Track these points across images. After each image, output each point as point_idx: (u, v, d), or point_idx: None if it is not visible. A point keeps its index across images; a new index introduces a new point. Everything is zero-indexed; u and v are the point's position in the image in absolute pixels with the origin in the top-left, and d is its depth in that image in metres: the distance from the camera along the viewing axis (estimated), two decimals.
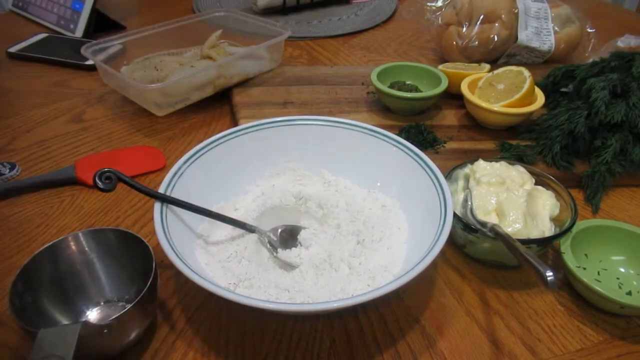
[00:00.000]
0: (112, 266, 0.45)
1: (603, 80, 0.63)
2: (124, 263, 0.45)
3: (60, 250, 0.43)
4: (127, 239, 0.44)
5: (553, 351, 0.43)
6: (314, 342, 0.43)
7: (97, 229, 0.45)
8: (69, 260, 0.44)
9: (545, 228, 0.48)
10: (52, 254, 0.43)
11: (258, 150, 0.56)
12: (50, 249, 0.42)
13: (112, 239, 0.45)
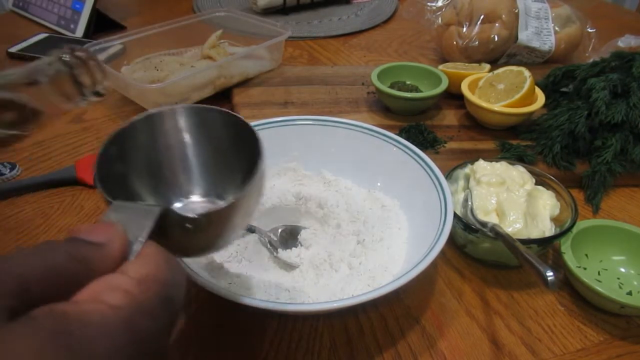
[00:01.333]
0: (214, 155, 0.39)
1: (603, 80, 0.63)
2: (229, 154, 0.39)
3: (160, 123, 0.37)
4: (235, 127, 0.37)
5: (553, 351, 0.43)
6: (314, 342, 0.43)
7: (205, 107, 0.37)
8: (168, 137, 0.37)
9: (545, 228, 0.48)
10: (152, 125, 0.37)
11: None
12: (151, 119, 0.36)
13: (219, 122, 0.38)
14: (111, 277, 0.20)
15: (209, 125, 0.38)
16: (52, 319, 0.17)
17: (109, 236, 0.22)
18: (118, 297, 0.19)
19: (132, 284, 0.20)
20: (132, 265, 0.22)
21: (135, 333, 0.19)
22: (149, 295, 0.20)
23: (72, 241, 0.21)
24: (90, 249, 0.21)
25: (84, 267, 0.20)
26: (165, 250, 0.23)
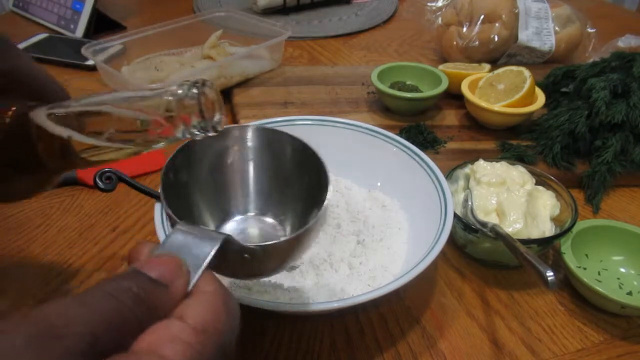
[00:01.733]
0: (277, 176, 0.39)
1: (604, 81, 0.63)
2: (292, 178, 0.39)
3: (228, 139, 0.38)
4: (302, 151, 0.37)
5: (553, 351, 0.43)
6: (315, 343, 0.43)
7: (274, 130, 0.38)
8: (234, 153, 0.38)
9: (545, 228, 0.48)
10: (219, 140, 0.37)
11: None
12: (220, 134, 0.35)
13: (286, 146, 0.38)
14: (169, 324, 0.20)
15: (275, 147, 0.38)
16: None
17: (173, 275, 0.22)
18: (178, 351, 0.19)
19: (191, 334, 0.20)
20: (190, 309, 0.21)
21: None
22: (208, 348, 0.20)
23: (137, 277, 0.21)
24: (156, 291, 0.21)
25: (148, 312, 0.20)
26: (225, 292, 0.23)
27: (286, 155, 0.38)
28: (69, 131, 0.29)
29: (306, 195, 0.37)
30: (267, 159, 0.39)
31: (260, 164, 0.39)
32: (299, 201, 0.38)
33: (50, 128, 0.29)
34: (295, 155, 0.38)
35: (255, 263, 0.30)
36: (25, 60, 0.32)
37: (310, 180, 0.37)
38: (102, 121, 0.30)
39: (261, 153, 0.39)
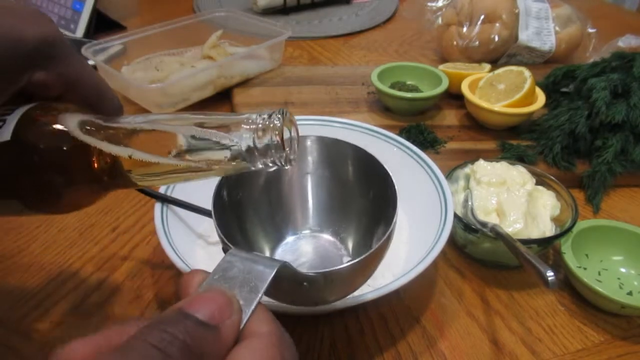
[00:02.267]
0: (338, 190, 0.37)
1: (604, 81, 0.63)
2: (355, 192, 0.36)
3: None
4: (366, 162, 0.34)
5: (554, 351, 0.43)
6: (315, 343, 0.43)
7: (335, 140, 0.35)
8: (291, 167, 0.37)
9: (546, 228, 0.48)
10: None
11: None
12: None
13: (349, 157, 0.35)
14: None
15: (336, 159, 0.36)
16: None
17: (223, 314, 0.20)
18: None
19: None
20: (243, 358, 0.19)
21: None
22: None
23: (184, 321, 0.19)
24: (205, 336, 0.19)
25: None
26: (279, 333, 0.21)
27: (348, 167, 0.36)
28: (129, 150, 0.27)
29: (370, 211, 0.34)
30: (327, 172, 0.37)
31: (320, 177, 0.37)
32: (362, 217, 0.36)
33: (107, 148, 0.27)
34: (359, 167, 0.36)
35: (314, 291, 0.28)
36: (85, 65, 0.31)
37: (375, 194, 0.34)
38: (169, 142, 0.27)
39: (320, 165, 0.37)
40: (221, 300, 0.21)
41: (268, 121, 0.26)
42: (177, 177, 0.28)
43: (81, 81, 0.30)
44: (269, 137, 0.26)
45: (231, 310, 0.20)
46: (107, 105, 0.31)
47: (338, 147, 0.36)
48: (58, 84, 0.29)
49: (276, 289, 0.26)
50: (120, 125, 0.28)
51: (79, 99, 0.30)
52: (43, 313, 0.45)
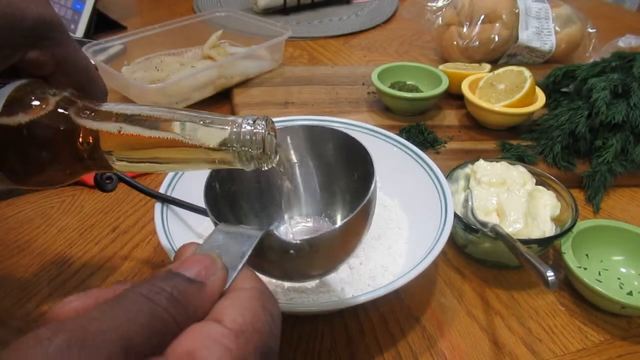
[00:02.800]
0: (325, 174, 0.39)
1: (604, 81, 0.63)
2: (341, 174, 0.38)
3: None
4: (347, 145, 0.36)
5: (554, 351, 0.43)
6: (315, 343, 0.43)
7: (319, 127, 0.37)
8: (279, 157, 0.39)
9: (546, 228, 0.48)
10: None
11: None
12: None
13: (330, 141, 0.38)
14: (207, 326, 0.19)
15: (320, 145, 0.38)
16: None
17: (209, 272, 0.22)
18: (216, 354, 0.18)
19: (229, 337, 0.19)
20: (227, 310, 0.21)
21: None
22: (248, 351, 0.19)
23: (173, 278, 0.20)
24: (191, 290, 0.20)
25: (184, 312, 0.20)
26: (264, 290, 0.22)
27: (332, 151, 0.38)
28: (118, 125, 0.28)
29: (355, 190, 0.36)
30: (313, 159, 0.39)
31: (307, 165, 0.39)
32: (348, 196, 0.38)
33: (96, 125, 0.29)
34: (341, 150, 0.37)
35: (303, 260, 0.29)
36: (77, 49, 0.32)
37: (359, 174, 0.36)
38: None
39: (306, 153, 0.38)
40: (207, 261, 0.22)
41: (252, 125, 0.28)
42: (157, 165, 0.30)
43: (73, 63, 0.31)
44: (252, 138, 0.28)
45: (215, 268, 0.22)
46: (95, 89, 0.33)
47: (321, 133, 0.38)
48: (50, 63, 0.30)
49: (264, 259, 0.27)
50: (107, 108, 0.30)
51: (69, 80, 0.32)
52: (43, 313, 0.45)
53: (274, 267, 0.31)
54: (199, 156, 0.29)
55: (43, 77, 0.31)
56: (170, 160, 0.29)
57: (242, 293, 0.22)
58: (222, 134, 0.28)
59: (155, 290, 0.19)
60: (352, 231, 0.31)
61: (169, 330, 0.19)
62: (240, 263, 0.23)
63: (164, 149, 0.29)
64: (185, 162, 0.29)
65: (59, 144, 0.29)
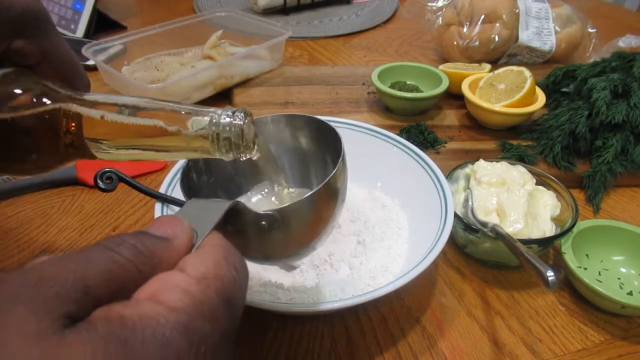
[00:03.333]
0: (300, 160, 0.41)
1: (604, 81, 0.63)
2: (314, 157, 0.40)
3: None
4: (318, 130, 0.38)
5: (554, 351, 0.43)
6: (315, 343, 0.43)
7: (289, 115, 0.40)
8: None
9: (546, 228, 0.48)
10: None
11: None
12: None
13: (303, 128, 0.40)
14: (170, 274, 0.20)
15: (294, 132, 0.39)
16: (107, 325, 0.17)
17: (175, 231, 0.22)
18: (177, 296, 0.19)
19: (191, 282, 0.19)
20: (191, 260, 0.21)
21: (195, 338, 0.18)
22: (209, 295, 0.19)
23: (139, 234, 0.21)
24: (156, 243, 0.21)
25: (148, 262, 0.20)
26: (228, 246, 0.23)
27: (306, 138, 0.39)
28: (101, 112, 0.29)
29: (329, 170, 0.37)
30: (289, 147, 0.40)
31: (283, 153, 0.40)
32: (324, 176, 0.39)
33: (79, 110, 0.29)
34: (315, 136, 0.39)
35: (276, 233, 0.30)
36: (62, 41, 0.32)
37: (332, 156, 0.38)
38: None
39: (284, 142, 0.40)
40: (174, 222, 0.23)
41: (231, 117, 0.29)
42: (139, 153, 0.30)
43: (58, 54, 0.32)
44: (231, 129, 0.29)
45: (182, 229, 0.22)
46: (78, 80, 0.34)
47: (294, 121, 0.39)
48: (36, 53, 0.31)
49: (240, 235, 0.28)
50: (91, 98, 0.30)
51: (54, 71, 0.32)
52: None
53: (251, 244, 0.31)
54: (179, 144, 0.29)
55: (28, 67, 0.31)
56: (152, 148, 0.30)
57: (207, 248, 0.22)
58: (202, 124, 0.29)
59: (118, 242, 0.20)
60: (322, 202, 0.31)
61: (131, 279, 0.19)
62: (209, 228, 0.24)
63: (145, 137, 0.29)
64: (166, 150, 0.30)
65: (42, 132, 0.30)
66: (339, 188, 0.34)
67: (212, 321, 0.19)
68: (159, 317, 0.17)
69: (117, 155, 0.31)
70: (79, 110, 0.29)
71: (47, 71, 0.32)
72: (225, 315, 0.20)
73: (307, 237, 0.34)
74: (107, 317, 0.17)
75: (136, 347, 0.16)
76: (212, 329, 0.19)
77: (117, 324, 0.17)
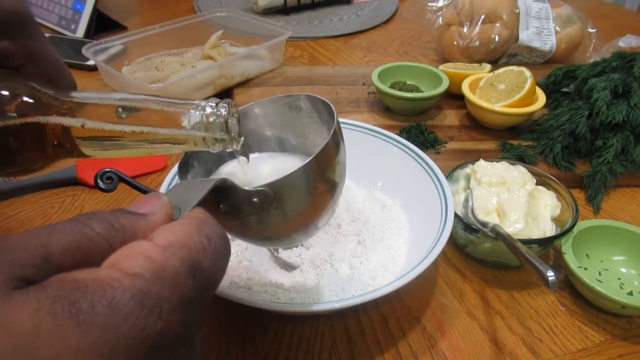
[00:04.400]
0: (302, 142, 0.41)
1: (604, 81, 0.63)
2: (311, 135, 0.40)
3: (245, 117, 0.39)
4: (314, 106, 0.39)
5: (554, 351, 0.43)
6: (315, 343, 0.43)
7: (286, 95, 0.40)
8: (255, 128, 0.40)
9: (546, 228, 0.48)
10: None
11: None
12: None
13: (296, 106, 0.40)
14: (137, 243, 0.19)
15: (289, 112, 0.39)
16: (58, 287, 0.16)
17: (153, 207, 0.22)
18: (137, 262, 0.18)
19: (155, 250, 0.19)
20: (161, 230, 0.20)
21: (148, 302, 0.17)
22: (172, 262, 0.19)
23: (116, 211, 0.20)
24: (131, 218, 0.20)
25: (120, 235, 0.20)
26: (206, 218, 0.22)
27: (301, 116, 0.39)
28: (82, 120, 0.30)
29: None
30: (286, 130, 0.40)
31: (279, 137, 0.41)
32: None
33: (64, 121, 0.30)
34: (310, 112, 0.39)
35: (272, 210, 0.29)
36: (46, 42, 0.33)
37: (327, 127, 0.37)
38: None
39: (278, 125, 0.40)
40: (153, 198, 0.22)
41: (215, 108, 0.29)
42: (126, 151, 0.31)
43: (43, 55, 0.32)
44: (215, 120, 0.29)
45: (162, 206, 0.22)
46: (63, 80, 0.34)
47: (285, 101, 0.39)
48: (21, 54, 0.31)
49: (234, 215, 0.27)
50: (77, 99, 0.31)
51: (39, 71, 0.32)
52: None
53: (247, 224, 0.30)
54: (167, 139, 0.30)
55: (13, 68, 0.32)
56: (138, 146, 0.31)
57: (181, 220, 0.21)
58: (186, 116, 0.29)
59: (90, 216, 0.19)
60: (316, 174, 0.30)
61: (99, 251, 0.19)
62: (191, 205, 0.23)
63: (131, 136, 0.30)
64: (155, 144, 0.30)
65: (29, 133, 0.30)
66: (334, 160, 0.33)
67: (171, 287, 0.18)
68: (112, 281, 0.17)
69: (106, 153, 0.31)
70: (61, 121, 0.30)
71: (33, 72, 0.32)
72: (190, 283, 0.19)
73: (306, 215, 0.33)
74: (60, 280, 0.17)
75: (83, 307, 0.16)
76: (170, 294, 0.18)
77: (68, 287, 0.17)
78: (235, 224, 0.25)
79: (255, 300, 0.37)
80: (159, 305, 0.17)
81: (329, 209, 0.35)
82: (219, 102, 0.30)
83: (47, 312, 0.16)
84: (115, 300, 0.17)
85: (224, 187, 0.27)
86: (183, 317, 0.18)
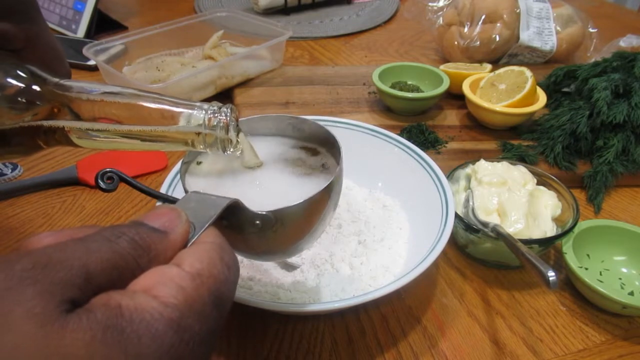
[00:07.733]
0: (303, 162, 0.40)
1: (605, 81, 0.63)
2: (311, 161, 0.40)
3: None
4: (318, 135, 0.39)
5: (555, 351, 0.43)
6: (316, 343, 0.43)
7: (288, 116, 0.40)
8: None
9: (547, 228, 0.48)
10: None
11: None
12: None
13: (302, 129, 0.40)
14: (167, 268, 0.21)
15: (295, 134, 0.39)
16: (106, 313, 0.18)
17: (173, 224, 0.23)
18: (171, 292, 0.19)
19: (185, 278, 0.20)
20: (187, 256, 0.22)
21: (185, 336, 0.19)
22: (202, 293, 0.20)
23: (137, 226, 0.22)
24: (154, 236, 0.21)
25: (146, 255, 0.21)
26: (224, 244, 0.23)
27: (304, 142, 0.40)
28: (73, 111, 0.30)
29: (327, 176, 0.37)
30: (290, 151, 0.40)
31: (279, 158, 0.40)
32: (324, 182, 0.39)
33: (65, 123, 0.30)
34: (313, 141, 0.39)
35: (270, 232, 0.30)
36: (47, 27, 0.33)
37: (329, 161, 0.39)
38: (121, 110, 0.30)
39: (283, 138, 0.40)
40: (172, 214, 0.23)
41: (217, 112, 0.30)
42: (120, 144, 0.31)
43: (42, 40, 0.33)
44: (216, 122, 0.30)
45: (180, 221, 0.23)
46: (61, 67, 0.34)
47: (298, 124, 0.39)
48: (21, 38, 0.32)
49: (233, 231, 0.28)
50: (77, 91, 0.30)
51: (37, 56, 0.33)
52: None
53: (242, 241, 0.31)
54: (164, 138, 0.30)
55: (12, 51, 0.32)
56: (133, 144, 0.31)
57: (203, 245, 0.23)
58: (187, 116, 0.30)
59: (117, 234, 0.20)
60: (315, 207, 0.32)
61: (130, 269, 0.20)
62: (207, 223, 0.24)
63: (128, 126, 0.30)
64: (151, 141, 0.31)
65: (20, 117, 0.30)
66: (337, 191, 0.35)
67: (200, 320, 0.20)
68: (153, 312, 0.18)
69: (97, 144, 0.31)
70: (53, 108, 0.30)
71: (31, 56, 0.32)
72: (214, 313, 0.21)
73: (296, 237, 0.34)
74: (105, 306, 0.18)
75: (131, 337, 0.17)
76: (200, 328, 0.20)
77: (114, 313, 0.18)
78: (232, 238, 0.26)
79: (256, 300, 0.37)
80: (192, 338, 0.19)
81: (324, 229, 0.37)
82: (222, 106, 0.30)
83: (101, 341, 0.17)
84: (158, 332, 0.18)
85: (232, 206, 0.27)
86: (207, 348, 0.21)
